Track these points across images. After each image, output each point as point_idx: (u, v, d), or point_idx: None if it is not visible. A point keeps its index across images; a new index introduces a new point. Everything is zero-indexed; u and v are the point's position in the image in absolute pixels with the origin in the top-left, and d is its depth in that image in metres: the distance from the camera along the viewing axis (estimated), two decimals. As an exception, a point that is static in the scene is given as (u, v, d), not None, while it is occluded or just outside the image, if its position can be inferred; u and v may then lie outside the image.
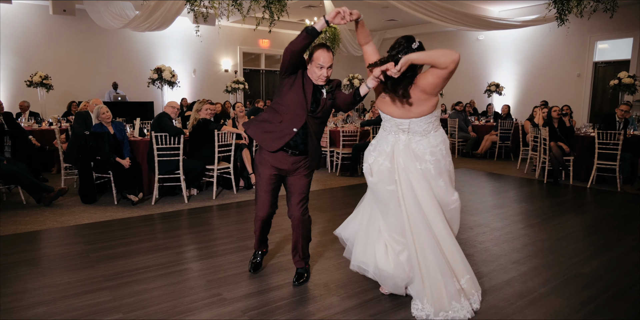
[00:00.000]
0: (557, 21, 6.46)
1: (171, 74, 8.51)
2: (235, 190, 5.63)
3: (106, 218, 4.45)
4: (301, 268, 2.97)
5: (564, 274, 3.14)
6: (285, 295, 2.74)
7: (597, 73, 10.35)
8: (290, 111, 2.65)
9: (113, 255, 3.43)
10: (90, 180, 4.97)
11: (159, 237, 3.90)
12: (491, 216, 4.65)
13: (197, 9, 6.11)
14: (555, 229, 4.23)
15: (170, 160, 4.94)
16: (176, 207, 4.93)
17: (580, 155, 6.59)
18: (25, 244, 3.69)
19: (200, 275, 3.04)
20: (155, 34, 10.60)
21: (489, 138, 8.90)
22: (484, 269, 3.19)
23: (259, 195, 2.81)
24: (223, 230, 4.11)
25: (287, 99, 2.65)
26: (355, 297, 2.73)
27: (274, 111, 2.71)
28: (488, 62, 12.28)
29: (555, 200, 5.44)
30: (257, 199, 2.82)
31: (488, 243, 3.77)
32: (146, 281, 2.94)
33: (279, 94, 2.70)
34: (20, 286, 2.84)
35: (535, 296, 2.77)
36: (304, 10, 10.66)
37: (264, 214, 2.83)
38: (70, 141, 5.34)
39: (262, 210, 2.82)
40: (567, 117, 6.79)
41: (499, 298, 2.74)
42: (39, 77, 8.65)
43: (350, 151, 6.90)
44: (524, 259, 3.42)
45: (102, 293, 2.76)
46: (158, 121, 4.90)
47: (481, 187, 6.29)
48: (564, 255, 3.53)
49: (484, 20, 8.37)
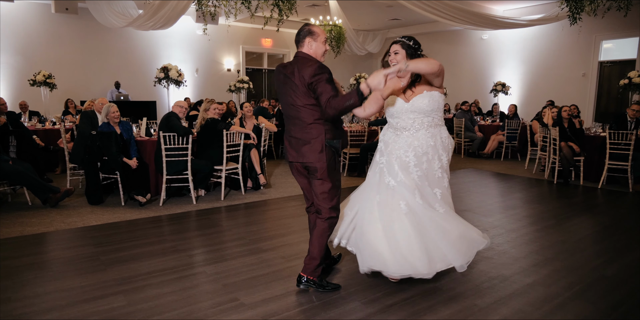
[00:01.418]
0: (569, 20, 6.39)
1: (178, 73, 8.42)
2: (244, 191, 5.55)
3: (114, 219, 4.37)
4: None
5: (587, 277, 3.07)
6: (305, 300, 2.67)
7: (603, 73, 10.29)
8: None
9: (124, 258, 3.35)
10: (97, 181, 4.89)
11: (169, 239, 3.82)
12: (505, 217, 4.58)
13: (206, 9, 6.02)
14: (571, 231, 4.16)
15: (178, 161, 4.86)
16: (184, 208, 4.85)
17: (590, 156, 6.52)
18: (33, 246, 3.61)
19: (215, 279, 2.97)
20: (158, 32, 10.51)
21: (495, 138, 8.83)
22: (505, 272, 3.12)
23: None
24: (234, 232, 4.04)
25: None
26: (377, 302, 2.65)
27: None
28: (492, 61, 12.21)
29: (567, 201, 5.38)
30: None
31: (506, 245, 3.70)
32: (160, 285, 2.86)
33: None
34: (32, 290, 2.76)
35: (561, 301, 2.70)
36: (307, 9, 10.57)
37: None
38: (76, 141, 5.26)
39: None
40: (577, 119, 6.72)
41: (524, 302, 2.67)
42: (42, 76, 8.55)
43: (358, 151, 6.82)
44: (543, 261, 3.35)
45: (116, 298, 2.68)
46: (166, 121, 4.82)
47: (491, 187, 6.22)
48: (584, 257, 3.46)
49: (492, 19, 8.31)
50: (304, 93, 2.55)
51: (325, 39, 2.69)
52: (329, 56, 11.35)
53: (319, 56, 2.66)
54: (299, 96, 2.57)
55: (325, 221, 2.68)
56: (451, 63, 12.82)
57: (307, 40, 2.64)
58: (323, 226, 2.68)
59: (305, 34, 2.64)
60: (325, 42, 2.70)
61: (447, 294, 2.76)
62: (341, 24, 9.36)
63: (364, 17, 11.86)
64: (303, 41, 2.65)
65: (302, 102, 2.57)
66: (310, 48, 2.64)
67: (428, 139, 2.76)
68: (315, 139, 2.59)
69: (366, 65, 15.47)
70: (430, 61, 2.54)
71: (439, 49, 13.45)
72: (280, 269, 3.14)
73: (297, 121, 2.63)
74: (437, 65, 2.56)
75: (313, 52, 2.65)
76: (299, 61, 2.61)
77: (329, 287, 2.77)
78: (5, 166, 4.56)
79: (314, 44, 2.64)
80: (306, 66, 2.54)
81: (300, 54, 2.66)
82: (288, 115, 2.69)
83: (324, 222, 2.68)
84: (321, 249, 2.70)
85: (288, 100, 2.63)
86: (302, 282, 2.73)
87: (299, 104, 2.58)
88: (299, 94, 2.57)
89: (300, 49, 2.67)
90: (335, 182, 2.67)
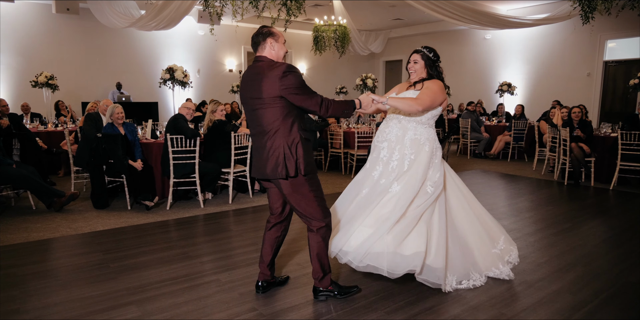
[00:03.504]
0: (582, 19, 6.31)
1: (183, 74, 8.31)
2: (251, 194, 5.46)
3: (121, 224, 4.27)
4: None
5: (612, 283, 2.98)
6: (325, 310, 2.57)
7: (607, 72, 10.22)
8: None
9: (134, 265, 3.25)
10: (103, 185, 4.78)
11: (179, 245, 3.72)
12: (521, 220, 4.49)
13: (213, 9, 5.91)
14: (589, 234, 4.07)
15: (186, 164, 4.76)
16: (192, 212, 4.75)
17: (601, 157, 6.44)
18: (39, 253, 3.51)
19: (231, 288, 2.87)
20: (159, 33, 10.40)
21: (502, 138, 8.75)
22: (528, 278, 3.03)
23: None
24: (245, 238, 3.93)
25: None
26: (401, 311, 2.56)
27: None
28: (495, 61, 12.14)
29: (581, 203, 5.29)
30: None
31: (525, 250, 3.61)
32: (174, 294, 2.76)
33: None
34: (41, 301, 2.66)
35: (590, 309, 2.61)
36: (311, 9, 10.46)
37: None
38: (81, 144, 5.15)
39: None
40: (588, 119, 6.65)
41: (553, 311, 2.58)
42: (44, 77, 8.43)
43: (365, 153, 6.72)
44: (567, 267, 3.26)
45: (129, 308, 2.57)
46: (174, 123, 4.72)
47: (501, 189, 6.13)
48: (607, 262, 3.37)
49: (498, 19, 8.23)
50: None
51: (284, 40, 2.53)
52: (333, 57, 11.34)
53: (280, 59, 2.51)
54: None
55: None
56: (454, 63, 12.75)
57: (269, 42, 2.46)
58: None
59: (267, 35, 2.47)
60: (285, 43, 2.53)
61: (471, 303, 2.67)
62: (345, 24, 9.26)
63: (367, 17, 11.77)
64: (264, 43, 2.47)
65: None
66: (272, 50, 2.48)
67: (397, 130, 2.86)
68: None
69: (368, 66, 15.38)
70: (411, 104, 2.64)
71: (441, 48, 13.24)
72: (297, 277, 3.04)
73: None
74: (418, 107, 2.65)
75: (275, 54, 2.49)
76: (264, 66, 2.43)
77: (349, 292, 2.68)
78: (9, 170, 4.45)
79: (276, 45, 2.48)
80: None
81: (261, 58, 2.48)
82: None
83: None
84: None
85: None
86: (319, 294, 2.65)
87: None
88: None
89: (261, 52, 2.48)
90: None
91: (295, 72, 2.35)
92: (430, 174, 2.76)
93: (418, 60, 2.87)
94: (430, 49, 2.89)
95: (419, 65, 2.87)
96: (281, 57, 2.51)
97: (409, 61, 2.93)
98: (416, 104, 2.65)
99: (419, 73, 2.90)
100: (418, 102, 2.66)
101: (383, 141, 2.89)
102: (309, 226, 2.53)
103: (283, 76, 2.31)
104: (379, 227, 2.63)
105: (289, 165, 2.37)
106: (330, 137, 7.23)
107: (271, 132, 2.40)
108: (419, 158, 2.76)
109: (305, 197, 2.44)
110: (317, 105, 2.37)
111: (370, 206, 2.73)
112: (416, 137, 2.79)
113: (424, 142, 2.79)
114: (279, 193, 2.59)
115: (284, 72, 2.32)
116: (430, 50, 2.87)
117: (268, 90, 2.35)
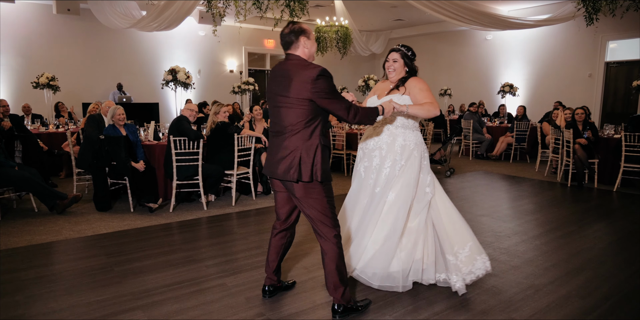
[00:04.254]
0: (586, 21, 6.29)
1: (186, 75, 8.27)
2: (254, 196, 5.43)
3: (124, 227, 4.24)
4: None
5: (622, 288, 2.96)
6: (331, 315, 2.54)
7: (609, 73, 10.21)
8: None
9: (139, 269, 3.22)
10: (105, 187, 4.76)
11: (183, 248, 3.69)
12: (525, 223, 4.47)
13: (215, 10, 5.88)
14: (596, 237, 4.05)
15: (189, 166, 4.73)
16: (195, 214, 4.73)
17: (604, 158, 6.43)
18: (42, 256, 3.48)
19: (237, 292, 2.84)
20: (159, 33, 10.37)
21: (504, 140, 8.73)
22: (536, 282, 3.01)
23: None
24: (249, 240, 3.91)
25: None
26: (409, 316, 2.54)
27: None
28: (496, 62, 12.12)
29: (585, 205, 5.27)
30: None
31: (531, 253, 3.59)
32: (180, 299, 2.74)
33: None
34: (46, 306, 2.63)
35: (601, 313, 2.59)
36: (312, 10, 10.40)
37: None
38: (83, 145, 5.11)
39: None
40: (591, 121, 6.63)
41: (563, 315, 2.56)
42: (45, 78, 8.39)
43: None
44: (574, 270, 3.24)
45: (135, 314, 2.55)
46: (177, 125, 4.69)
47: (504, 191, 6.11)
48: (615, 266, 3.35)
49: (501, 20, 8.21)
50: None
51: (314, 35, 2.49)
52: (334, 57, 11.31)
53: (312, 58, 2.46)
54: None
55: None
56: (455, 64, 12.73)
57: (302, 40, 2.37)
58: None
59: (299, 33, 2.36)
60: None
61: (480, 307, 2.65)
62: (347, 25, 9.24)
63: (368, 17, 11.75)
64: (297, 42, 2.37)
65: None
66: (305, 48, 2.39)
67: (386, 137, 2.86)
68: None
69: (369, 66, 15.37)
70: (430, 109, 2.70)
71: (442, 49, 13.36)
72: (304, 281, 3.01)
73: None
74: (436, 110, 2.71)
75: (308, 52, 2.42)
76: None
77: (363, 307, 2.60)
78: (11, 172, 4.42)
79: (308, 43, 2.40)
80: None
81: (293, 56, 2.39)
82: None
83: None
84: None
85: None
86: (339, 312, 2.48)
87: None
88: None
89: (293, 51, 2.39)
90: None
91: (328, 77, 2.31)
92: (422, 177, 2.80)
93: (398, 59, 2.87)
94: (408, 47, 2.90)
95: (398, 64, 2.87)
96: (313, 54, 2.44)
97: (387, 60, 2.91)
98: (433, 108, 2.69)
99: (398, 72, 2.90)
100: (434, 106, 2.70)
101: (374, 149, 2.87)
102: (320, 233, 2.42)
103: (316, 79, 2.26)
104: (389, 246, 2.71)
105: (303, 170, 2.31)
106: (333, 138, 7.20)
107: (291, 132, 2.34)
108: (409, 163, 2.78)
109: (318, 202, 2.38)
110: (346, 110, 2.34)
111: (373, 219, 2.78)
112: (405, 143, 2.81)
113: (413, 148, 2.81)
114: (287, 198, 2.56)
115: (317, 76, 2.26)
116: (408, 49, 2.89)
117: (297, 91, 2.29)
